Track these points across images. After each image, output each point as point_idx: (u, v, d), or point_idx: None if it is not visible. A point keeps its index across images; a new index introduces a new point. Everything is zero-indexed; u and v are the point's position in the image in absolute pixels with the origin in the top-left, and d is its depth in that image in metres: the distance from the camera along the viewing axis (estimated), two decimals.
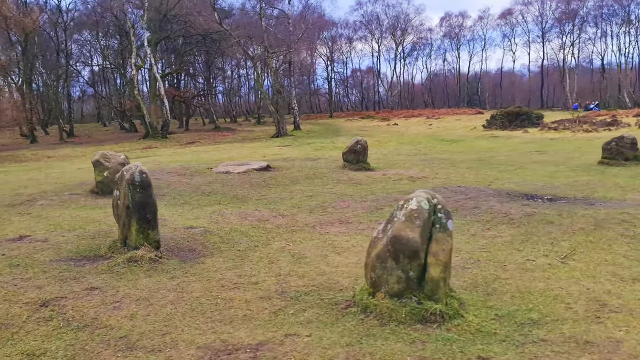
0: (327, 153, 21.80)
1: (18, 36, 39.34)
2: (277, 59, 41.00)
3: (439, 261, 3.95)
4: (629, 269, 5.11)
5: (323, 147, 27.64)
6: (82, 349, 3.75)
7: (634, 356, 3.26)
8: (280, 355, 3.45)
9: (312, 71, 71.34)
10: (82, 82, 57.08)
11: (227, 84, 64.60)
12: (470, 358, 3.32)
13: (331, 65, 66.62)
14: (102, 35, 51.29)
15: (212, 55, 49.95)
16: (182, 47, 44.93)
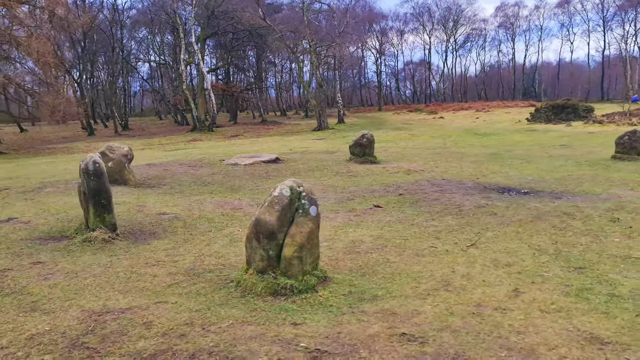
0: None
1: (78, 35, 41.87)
2: (320, 53, 41.58)
3: (295, 242, 4.46)
4: (514, 257, 5.40)
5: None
6: None
7: (417, 324, 3.66)
8: (136, 316, 4.08)
9: (362, 64, 71.48)
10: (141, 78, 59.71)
11: (279, 78, 65.85)
12: (285, 323, 3.82)
13: (380, 58, 66.51)
14: (157, 32, 53.53)
15: (262, 50, 51.15)
16: (230, 43, 46.29)
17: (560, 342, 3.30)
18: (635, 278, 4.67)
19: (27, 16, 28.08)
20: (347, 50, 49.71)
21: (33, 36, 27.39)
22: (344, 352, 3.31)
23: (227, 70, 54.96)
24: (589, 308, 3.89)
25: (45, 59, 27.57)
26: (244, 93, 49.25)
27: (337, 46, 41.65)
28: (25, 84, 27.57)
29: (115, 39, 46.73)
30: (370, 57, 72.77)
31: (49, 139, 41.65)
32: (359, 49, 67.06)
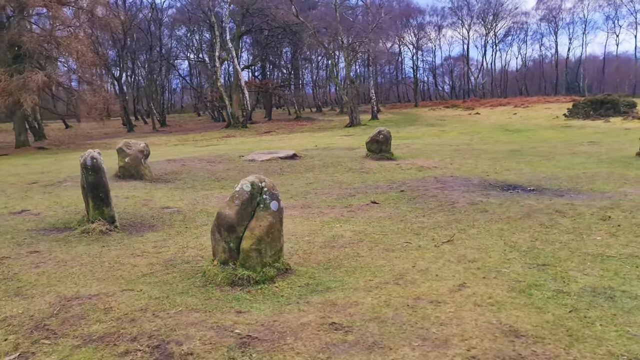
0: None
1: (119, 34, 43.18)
2: (354, 49, 41.61)
3: (253, 235, 4.67)
4: (483, 253, 5.47)
5: None
6: None
7: (350, 315, 3.81)
8: (100, 302, 4.38)
9: (399, 60, 71.02)
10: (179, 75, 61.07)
11: (315, 74, 66.14)
12: (230, 311, 4.05)
13: (417, 53, 65.90)
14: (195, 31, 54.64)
15: (297, 47, 51.53)
16: (264, 40, 46.84)
17: (476, 334, 3.40)
18: (594, 276, 4.69)
19: (67, 17, 29.18)
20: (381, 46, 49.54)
21: (72, 36, 28.49)
22: (272, 339, 3.51)
23: (263, 67, 55.60)
24: (525, 303, 3.96)
25: (84, 58, 28.63)
26: (278, 90, 49.72)
27: (370, 42, 41.57)
28: (65, 83, 28.68)
29: (154, 38, 47.94)
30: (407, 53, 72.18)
31: (90, 135, 43.20)
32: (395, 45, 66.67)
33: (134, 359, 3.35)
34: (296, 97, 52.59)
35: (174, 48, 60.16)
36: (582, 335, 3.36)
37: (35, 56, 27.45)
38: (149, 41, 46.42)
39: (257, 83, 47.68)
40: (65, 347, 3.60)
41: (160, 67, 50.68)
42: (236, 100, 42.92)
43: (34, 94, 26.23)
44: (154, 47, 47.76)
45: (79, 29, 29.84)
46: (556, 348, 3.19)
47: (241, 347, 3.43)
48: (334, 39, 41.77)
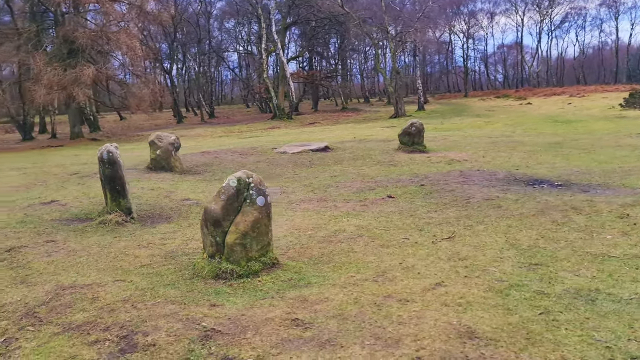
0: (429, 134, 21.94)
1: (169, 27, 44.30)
2: (399, 39, 41.12)
3: (238, 230, 4.78)
4: (478, 251, 5.37)
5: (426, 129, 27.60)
6: None
7: (315, 311, 3.84)
8: (90, 292, 4.59)
9: (450, 49, 69.64)
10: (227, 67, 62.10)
11: (362, 65, 65.80)
12: (205, 304, 4.17)
13: (468, 42, 64.40)
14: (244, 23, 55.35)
15: (344, 37, 51.41)
16: (311, 31, 46.94)
17: (431, 335, 3.38)
18: (585, 277, 4.55)
19: (118, 12, 30.17)
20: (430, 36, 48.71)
21: (122, 30, 29.44)
22: (233, 333, 3.60)
23: (310, 58, 55.76)
24: (496, 304, 3.89)
25: (133, 52, 29.58)
26: (324, 81, 49.77)
27: (416, 32, 40.96)
28: (116, 76, 29.71)
29: (203, 30, 48.88)
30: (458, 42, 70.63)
31: (142, 127, 44.57)
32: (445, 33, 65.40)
33: (101, 347, 3.52)
34: (343, 88, 52.49)
35: (223, 40, 61.26)
36: (540, 339, 3.29)
37: (87, 51, 28.54)
38: (197, 34, 47.35)
39: (303, 74, 47.88)
40: (46, 334, 3.81)
41: (209, 60, 51.65)
42: (282, 92, 43.26)
43: (86, 88, 27.32)
44: (203, 40, 48.70)
45: (129, 24, 30.78)
46: (507, 351, 3.13)
47: (203, 339, 3.54)
48: (380, 29, 41.36)
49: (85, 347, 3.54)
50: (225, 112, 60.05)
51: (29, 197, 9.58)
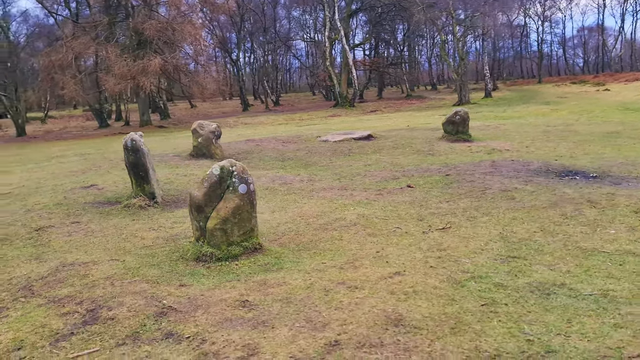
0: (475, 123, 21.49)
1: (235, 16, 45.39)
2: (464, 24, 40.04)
3: (219, 216, 5.05)
4: (463, 242, 5.35)
5: (483, 116, 26.99)
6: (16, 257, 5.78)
7: (267, 294, 4.02)
8: (84, 270, 5.02)
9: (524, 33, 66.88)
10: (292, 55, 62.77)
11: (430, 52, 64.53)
12: (175, 284, 4.46)
13: (543, 25, 61.54)
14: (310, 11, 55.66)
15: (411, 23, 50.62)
16: (376, 17, 46.57)
17: (359, 320, 3.49)
18: (558, 271, 4.48)
19: (183, 3, 31.28)
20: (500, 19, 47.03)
21: (187, 21, 30.53)
22: (186, 311, 3.88)
23: (376, 45, 55.32)
24: (444, 294, 3.93)
25: (197, 42, 30.63)
26: (389, 68, 49.30)
27: (484, 16, 39.71)
28: (181, 66, 30.86)
29: (269, 19, 49.65)
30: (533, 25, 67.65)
31: (209, 114, 46.03)
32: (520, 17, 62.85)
33: (69, 319, 3.90)
34: (408, 75, 51.81)
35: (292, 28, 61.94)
36: (465, 329, 3.33)
37: (154, 42, 29.84)
38: (262, 23, 48.18)
39: (366, 62, 47.66)
40: (31, 306, 4.25)
41: (275, 48, 52.46)
42: (344, 80, 43.30)
43: (152, 77, 28.62)
44: (269, 28, 49.49)
45: (194, 15, 31.85)
46: (423, 339, 3.21)
47: (158, 316, 3.84)
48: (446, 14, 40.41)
49: (56, 318, 3.93)
50: (291, 99, 60.87)
51: (76, 181, 10.34)
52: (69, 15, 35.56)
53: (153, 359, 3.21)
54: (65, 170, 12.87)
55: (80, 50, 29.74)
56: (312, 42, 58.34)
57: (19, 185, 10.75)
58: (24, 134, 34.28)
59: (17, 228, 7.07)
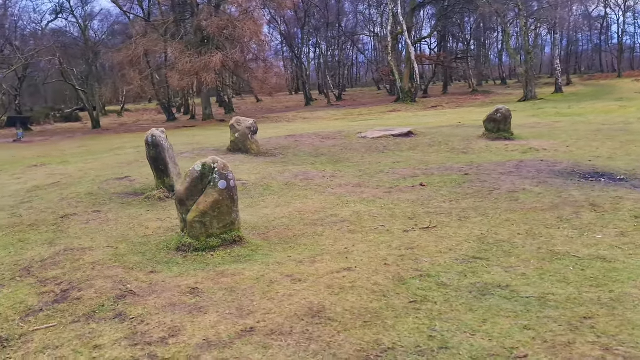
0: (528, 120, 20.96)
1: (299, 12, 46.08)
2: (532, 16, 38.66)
3: (198, 209, 5.42)
4: (436, 242, 5.43)
5: (543, 113, 26.13)
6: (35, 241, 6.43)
7: (218, 283, 4.33)
8: (79, 255, 5.54)
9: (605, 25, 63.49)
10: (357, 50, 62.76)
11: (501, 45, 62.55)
12: (146, 271, 4.87)
13: (624, 15, 58.14)
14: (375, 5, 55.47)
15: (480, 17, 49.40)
16: (441, 11, 45.82)
17: (282, 311, 3.73)
18: (511, 273, 4.51)
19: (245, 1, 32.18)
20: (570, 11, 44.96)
21: (247, 18, 31.40)
22: (142, 295, 4.27)
23: (443, 39, 54.41)
24: (378, 290, 4.09)
25: (257, 38, 31.45)
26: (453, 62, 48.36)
27: (554, 8, 38.16)
28: (241, 61, 31.79)
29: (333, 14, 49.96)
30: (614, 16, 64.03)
31: (272, 109, 47.06)
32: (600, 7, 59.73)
33: (44, 297, 4.40)
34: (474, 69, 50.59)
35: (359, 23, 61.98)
36: (375, 324, 3.50)
37: (216, 39, 30.92)
38: (326, 18, 48.55)
39: (428, 56, 46.98)
40: (21, 285, 4.80)
41: (338, 43, 52.73)
42: (407, 75, 42.94)
43: (213, 73, 29.70)
44: (333, 23, 49.82)
45: (255, 11, 32.70)
46: (331, 330, 3.41)
47: (118, 298, 4.26)
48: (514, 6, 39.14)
49: (34, 296, 4.44)
50: (355, 94, 60.99)
51: (115, 173, 11.11)
52: (142, 15, 37.42)
53: (93, 334, 3.61)
54: (115, 162, 13.78)
55: (149, 47, 31.28)
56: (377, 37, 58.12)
57: (67, 175, 11.68)
58: (99, 126, 36.52)
59: (47, 215, 7.80)
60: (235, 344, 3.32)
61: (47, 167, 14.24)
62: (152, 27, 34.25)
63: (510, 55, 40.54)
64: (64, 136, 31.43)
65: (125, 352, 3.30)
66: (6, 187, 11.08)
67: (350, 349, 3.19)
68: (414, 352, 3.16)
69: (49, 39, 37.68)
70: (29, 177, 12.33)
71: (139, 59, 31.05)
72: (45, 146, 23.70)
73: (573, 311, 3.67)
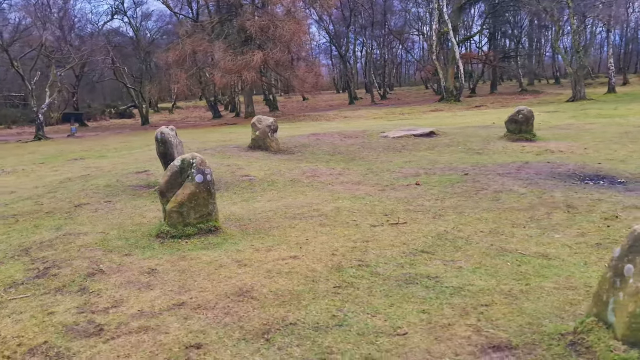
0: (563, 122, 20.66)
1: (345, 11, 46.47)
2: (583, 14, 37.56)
3: (176, 200, 5.97)
4: (398, 236, 5.80)
5: (584, 114, 25.53)
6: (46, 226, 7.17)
7: (172, 264, 4.85)
8: (73, 238, 6.20)
9: None
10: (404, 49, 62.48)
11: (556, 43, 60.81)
12: (122, 254, 5.44)
13: None
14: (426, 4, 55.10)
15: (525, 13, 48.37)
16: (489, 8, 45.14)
17: (215, 290, 4.19)
18: (448, 266, 4.81)
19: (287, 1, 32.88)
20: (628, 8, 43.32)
21: (289, 18, 32.08)
22: (109, 274, 4.84)
23: (492, 37, 53.50)
24: (310, 276, 4.48)
25: (298, 37, 32.08)
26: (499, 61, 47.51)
27: (606, 6, 36.95)
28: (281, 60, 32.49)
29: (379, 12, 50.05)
30: None
31: (316, 107, 47.67)
32: None
33: (28, 273, 5.05)
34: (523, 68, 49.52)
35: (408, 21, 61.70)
36: (291, 304, 3.91)
37: (257, 39, 31.76)
38: (372, 17, 48.70)
39: (474, 55, 46.34)
40: (17, 263, 5.48)
41: (384, 41, 52.75)
42: (451, 74, 42.60)
43: (253, 71, 30.55)
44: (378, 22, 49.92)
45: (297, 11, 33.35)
46: (247, 307, 3.85)
47: (87, 275, 4.85)
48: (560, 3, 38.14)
49: (21, 272, 5.10)
50: (402, 93, 60.86)
51: (137, 167, 11.90)
52: (190, 15, 38.78)
53: (53, 304, 4.20)
54: (145, 157, 14.62)
55: (194, 47, 32.45)
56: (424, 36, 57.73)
57: (98, 169, 12.58)
58: (147, 122, 38.14)
59: (64, 204, 8.58)
60: (162, 314, 3.82)
61: (85, 160, 15.28)
62: (199, 27, 35.47)
63: (560, 54, 39.50)
64: (114, 132, 33.09)
65: (70, 318, 3.86)
66: (43, 179, 12.06)
67: (256, 323, 3.63)
68: (311, 327, 3.57)
69: (102, 39, 39.65)
70: (65, 170, 13.33)
71: (185, 58, 32.27)
72: (92, 141, 25.14)
73: (477, 299, 3.98)
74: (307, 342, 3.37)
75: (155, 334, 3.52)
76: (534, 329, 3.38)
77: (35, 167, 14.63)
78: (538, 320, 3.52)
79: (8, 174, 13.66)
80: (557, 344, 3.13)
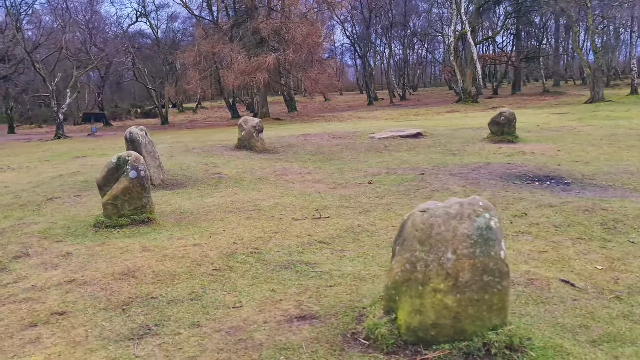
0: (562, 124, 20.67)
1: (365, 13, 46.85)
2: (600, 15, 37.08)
3: (111, 194, 6.60)
4: (313, 228, 6.32)
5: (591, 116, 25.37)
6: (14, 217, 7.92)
7: (99, 250, 5.47)
8: (38, 226, 6.91)
9: None
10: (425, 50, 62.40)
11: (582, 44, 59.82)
12: (66, 242, 6.09)
13: None
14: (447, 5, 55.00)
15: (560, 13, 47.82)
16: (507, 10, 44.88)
17: (108, 271, 4.78)
18: (335, 255, 5.30)
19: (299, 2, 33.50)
20: None
21: (301, 20, 32.68)
22: (33, 256, 5.49)
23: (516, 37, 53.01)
24: (199, 260, 5.04)
25: (311, 39, 32.65)
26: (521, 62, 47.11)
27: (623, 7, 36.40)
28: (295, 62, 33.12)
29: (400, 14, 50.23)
30: None
31: (335, 108, 48.11)
32: None
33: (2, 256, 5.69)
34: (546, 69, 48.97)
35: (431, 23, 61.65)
36: (164, 282, 4.48)
37: (270, 41, 32.47)
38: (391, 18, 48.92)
39: (493, 56, 46.10)
40: None
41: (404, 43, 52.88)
42: (470, 75, 42.52)
43: (266, 73, 31.26)
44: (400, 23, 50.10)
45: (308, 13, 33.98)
46: (125, 284, 4.43)
47: (14, 258, 5.51)
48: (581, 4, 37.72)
49: None
50: (424, 95, 60.76)
51: None
52: (210, 18, 39.78)
53: None
54: None
55: (209, 49, 33.37)
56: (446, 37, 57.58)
57: (92, 166, 13.39)
58: (167, 122, 39.28)
59: (39, 198, 9.34)
60: (50, 289, 4.44)
61: (86, 159, 16.17)
62: (217, 30, 36.41)
63: (579, 55, 39.04)
64: None
65: None
66: (41, 175, 12.92)
67: (124, 297, 4.21)
68: (167, 301, 4.13)
69: (125, 41, 41.05)
70: (65, 167, 14.19)
71: (200, 60, 33.23)
72: (105, 141, 26.22)
73: (328, 282, 4.46)
74: (155, 312, 3.93)
75: (33, 304, 4.13)
76: (345, 304, 3.86)
77: (39, 164, 15.58)
78: (359, 298, 3.99)
79: (13, 170, 14.62)
80: (349, 315, 3.62)
